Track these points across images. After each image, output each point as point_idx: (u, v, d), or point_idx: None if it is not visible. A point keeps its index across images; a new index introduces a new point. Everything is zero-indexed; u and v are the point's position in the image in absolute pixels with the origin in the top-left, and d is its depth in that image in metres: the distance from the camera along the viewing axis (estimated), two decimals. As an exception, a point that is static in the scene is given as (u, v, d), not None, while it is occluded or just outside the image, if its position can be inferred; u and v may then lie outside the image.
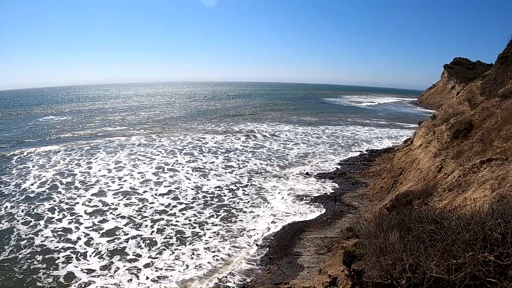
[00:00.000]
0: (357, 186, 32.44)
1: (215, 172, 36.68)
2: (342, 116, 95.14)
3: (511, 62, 30.05)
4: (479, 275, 5.30)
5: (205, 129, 66.41)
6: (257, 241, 22.26)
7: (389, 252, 7.28)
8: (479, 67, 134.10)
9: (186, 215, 26.18)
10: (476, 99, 30.94)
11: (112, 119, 79.39)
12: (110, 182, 32.90)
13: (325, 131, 67.52)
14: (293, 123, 77.11)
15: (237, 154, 45.71)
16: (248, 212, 26.77)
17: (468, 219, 6.75)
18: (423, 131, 33.65)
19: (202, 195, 30.02)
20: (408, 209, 11.44)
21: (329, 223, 24.53)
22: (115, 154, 43.86)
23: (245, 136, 58.93)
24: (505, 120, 20.49)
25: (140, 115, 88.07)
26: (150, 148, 47.93)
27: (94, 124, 72.18)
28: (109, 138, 55.59)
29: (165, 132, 62.02)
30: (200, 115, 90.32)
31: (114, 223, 24.62)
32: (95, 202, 28.11)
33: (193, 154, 44.85)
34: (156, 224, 24.58)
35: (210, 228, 24.08)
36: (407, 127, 75.90)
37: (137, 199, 28.90)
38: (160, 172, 36.34)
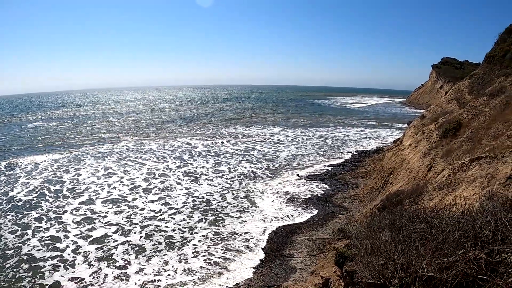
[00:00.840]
0: (347, 187, 32.52)
1: (206, 177, 36.48)
2: (331, 118, 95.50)
3: (498, 61, 30.30)
4: (471, 273, 5.30)
5: (195, 133, 66.23)
6: (249, 244, 22.19)
7: (380, 252, 7.27)
8: (466, 66, 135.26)
9: (176, 219, 26.01)
10: (464, 98, 31.15)
11: (101, 125, 78.76)
12: (100, 189, 32.47)
13: (315, 132, 67.75)
14: (283, 125, 77.22)
15: (227, 157, 45.58)
16: (237, 217, 26.59)
17: (459, 218, 6.75)
18: (412, 131, 33.83)
19: (194, 201, 29.69)
20: (398, 208, 11.47)
21: (321, 224, 24.55)
22: (104, 160, 43.49)
23: (235, 139, 58.91)
24: (493, 118, 20.63)
25: (129, 120, 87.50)
26: (139, 153, 47.60)
27: (82, 130, 71.55)
28: (98, 143, 55.20)
29: (154, 136, 61.68)
30: (189, 119, 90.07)
31: (103, 230, 24.30)
32: (84, 210, 27.73)
33: (183, 158, 44.64)
34: (145, 230, 24.37)
35: (198, 232, 23.97)
36: (396, 127, 76.36)
37: (127, 206, 28.53)
38: (151, 178, 35.97)
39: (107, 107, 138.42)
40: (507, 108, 20.22)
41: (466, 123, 23.62)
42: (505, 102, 21.09)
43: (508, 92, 22.26)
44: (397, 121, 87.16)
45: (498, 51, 31.69)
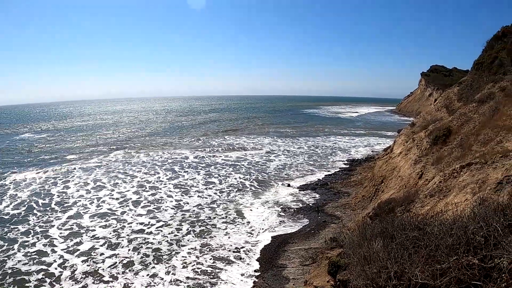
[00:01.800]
0: (339, 196, 32.51)
1: (197, 189, 36.15)
2: (321, 127, 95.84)
3: (487, 68, 30.62)
4: (464, 279, 5.30)
5: (185, 144, 66.01)
6: (241, 255, 22.07)
7: (373, 261, 7.26)
8: (455, 73, 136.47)
9: (164, 232, 25.72)
10: (454, 105, 31.38)
11: (90, 137, 78.10)
12: (88, 203, 31.96)
13: (305, 142, 67.81)
14: (273, 135, 77.26)
15: (218, 168, 45.34)
16: (227, 229, 26.31)
17: (451, 224, 6.76)
18: (402, 138, 33.98)
19: (183, 214, 29.24)
20: (390, 216, 11.47)
21: (313, 234, 24.48)
22: (93, 173, 42.99)
23: (225, 150, 58.80)
24: (483, 124, 20.77)
25: (118, 132, 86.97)
26: (129, 165, 47.13)
27: (72, 142, 70.90)
28: (87, 156, 54.64)
29: (145, 148, 61.22)
30: (179, 130, 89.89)
31: (90, 244, 23.87)
32: (71, 224, 27.19)
33: (174, 170, 44.34)
34: (132, 243, 24.04)
35: (186, 244, 23.67)
36: (387, 135, 76.73)
37: (115, 220, 28.09)
38: (141, 190, 35.56)
39: (97, 119, 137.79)
40: (496, 114, 20.37)
41: (456, 130, 23.77)
42: (494, 108, 21.26)
43: (497, 98, 22.45)
44: (387, 130, 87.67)
45: (486, 58, 32.05)
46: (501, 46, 30.26)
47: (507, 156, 14.19)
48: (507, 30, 31.61)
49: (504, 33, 31.89)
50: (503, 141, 17.17)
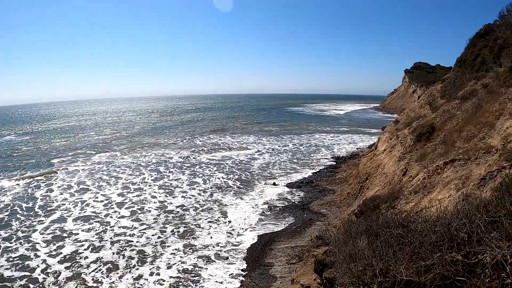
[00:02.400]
0: (324, 194, 32.60)
1: (181, 189, 35.94)
2: (306, 125, 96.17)
3: (469, 65, 30.91)
4: (448, 275, 5.34)
5: (170, 144, 65.62)
6: (227, 255, 22.03)
7: (359, 259, 7.29)
8: (438, 70, 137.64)
9: (147, 234, 25.46)
10: (437, 102, 31.64)
11: (75, 138, 76.99)
12: (72, 206, 31.41)
13: (289, 140, 68.10)
14: (258, 134, 77.33)
15: (202, 167, 45.19)
16: (212, 229, 26.23)
17: (434, 221, 6.81)
18: (386, 136, 34.17)
19: (166, 215, 29.05)
20: (375, 214, 11.53)
21: (299, 232, 24.54)
22: (77, 175, 42.44)
23: (210, 149, 58.67)
24: (466, 121, 20.98)
25: (103, 133, 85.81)
26: (114, 167, 46.58)
27: (55, 144, 69.82)
28: (72, 158, 53.88)
29: (130, 149, 60.54)
30: (164, 130, 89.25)
31: (73, 247, 23.50)
32: (54, 229, 26.65)
33: (159, 170, 44.07)
34: (116, 245, 23.77)
35: (170, 245, 23.57)
36: (371, 132, 77.18)
37: (99, 223, 27.70)
38: (126, 192, 35.18)
39: (81, 120, 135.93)
40: (479, 111, 20.58)
41: (439, 126, 23.97)
42: (476, 105, 21.48)
43: (480, 95, 22.67)
44: (371, 127, 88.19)
45: (469, 55, 32.34)
46: (483, 43, 30.54)
47: (490, 152, 14.34)
48: (489, 28, 31.93)
49: (487, 31, 32.20)
50: (485, 137, 17.36)
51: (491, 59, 26.17)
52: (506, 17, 28.32)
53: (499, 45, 25.27)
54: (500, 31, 26.88)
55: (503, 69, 22.52)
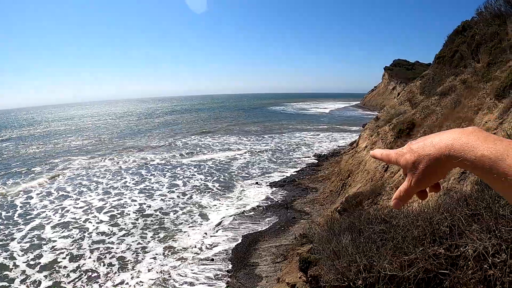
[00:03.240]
0: (307, 192, 32.67)
1: (161, 192, 35.40)
2: (287, 124, 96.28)
3: (448, 61, 31.31)
4: (432, 268, 5.42)
5: (151, 146, 64.62)
6: (210, 256, 21.98)
7: (343, 255, 7.35)
8: (417, 67, 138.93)
9: (127, 240, 24.82)
10: (417, 98, 31.97)
11: (54, 144, 75.00)
12: (52, 214, 30.50)
13: (271, 139, 67.98)
14: (239, 134, 77.03)
15: (183, 169, 44.70)
16: (191, 231, 25.90)
17: (416, 216, 6.90)
18: (367, 133, 34.43)
19: (145, 219, 28.43)
20: (358, 211, 11.64)
21: (283, 231, 24.57)
22: (56, 181, 41.55)
23: (191, 151, 58.26)
24: (445, 116, 21.26)
25: (83, 137, 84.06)
26: (94, 171, 45.75)
27: (35, 149, 68.20)
28: (51, 163, 52.67)
29: (111, 153, 59.33)
30: (144, 132, 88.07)
31: (52, 256, 22.71)
32: (32, 237, 25.83)
33: (141, 173, 43.43)
34: (95, 253, 23.09)
35: (151, 250, 23.11)
36: (352, 130, 77.34)
37: (78, 229, 26.90)
38: (106, 197, 34.37)
39: (61, 124, 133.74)
40: (458, 106, 20.86)
41: (419, 122, 24.25)
42: (455, 100, 21.75)
43: (458, 90, 22.97)
44: (352, 124, 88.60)
45: (447, 52, 32.78)
46: (461, 40, 30.94)
47: (469, 146, 14.49)
48: (467, 24, 32.38)
49: (464, 27, 32.64)
50: (464, 132, 17.57)
51: (469, 55, 26.52)
52: (483, 14, 28.72)
53: (476, 41, 25.62)
54: (477, 28, 27.27)
55: (480, 65, 22.84)
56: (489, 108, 17.38)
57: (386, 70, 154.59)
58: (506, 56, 19.57)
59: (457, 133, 1.23)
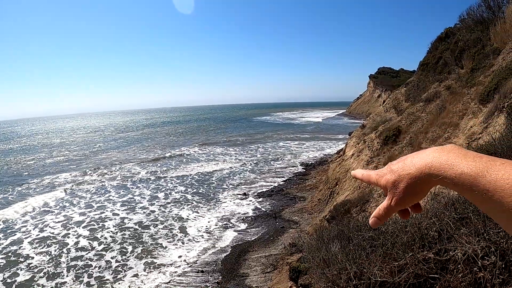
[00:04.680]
0: (295, 201, 32.67)
1: (142, 205, 34.71)
2: (272, 134, 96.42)
3: (432, 68, 31.67)
4: (422, 273, 5.42)
5: (136, 159, 63.92)
6: (198, 268, 21.82)
7: (332, 263, 7.34)
8: (402, 74, 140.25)
9: (106, 256, 23.97)
10: (402, 105, 32.24)
11: (34, 158, 73.77)
12: (32, 228, 29.66)
13: (257, 149, 68.02)
14: (224, 145, 76.97)
15: (167, 181, 44.31)
16: (178, 243, 25.64)
17: (404, 222, 6.91)
18: (354, 141, 34.58)
19: (124, 233, 27.73)
20: (346, 218, 11.66)
21: (272, 240, 24.51)
22: (40, 197, 40.56)
23: (177, 162, 57.91)
24: (431, 122, 21.41)
25: (69, 151, 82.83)
26: (78, 185, 45.29)
27: (13, 164, 67.00)
28: (33, 179, 51.63)
29: (95, 166, 58.57)
30: (129, 145, 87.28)
31: (28, 274, 21.73)
32: (8, 252, 24.98)
33: (125, 186, 42.97)
34: (73, 271, 22.09)
35: (132, 267, 22.39)
36: (338, 138, 77.67)
37: (58, 245, 25.98)
38: (87, 211, 33.57)
39: (46, 138, 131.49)
40: (442, 111, 21.01)
41: (405, 129, 24.39)
42: (440, 106, 21.92)
43: (443, 96, 23.16)
44: (339, 133, 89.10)
45: (431, 59, 33.17)
46: (445, 46, 31.32)
47: (455, 151, 14.60)
48: (450, 31, 32.78)
49: (448, 34, 33.05)
50: (451, 137, 17.73)
51: (452, 61, 26.82)
52: (466, 21, 29.10)
53: (460, 48, 25.93)
54: (460, 34, 27.60)
55: (464, 70, 23.08)
56: (474, 113, 17.53)
57: (371, 78, 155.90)
58: (489, 61, 19.79)
59: (436, 152, 1.26)
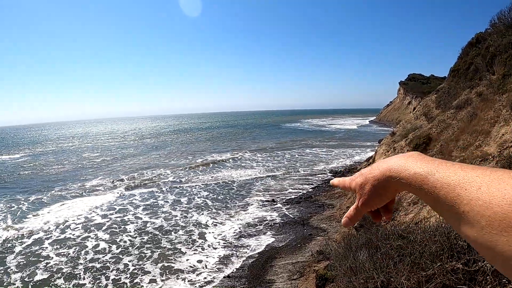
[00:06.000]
0: (324, 208, 32.46)
1: (164, 210, 34.84)
2: (302, 140, 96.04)
3: (463, 74, 31.18)
4: (450, 284, 5.34)
5: (168, 164, 64.79)
6: (223, 273, 21.87)
7: (360, 272, 7.29)
8: (433, 81, 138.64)
9: (124, 260, 24.08)
10: (432, 112, 31.82)
11: (70, 161, 75.17)
12: (54, 228, 30.47)
13: (286, 156, 67.79)
14: (253, 150, 77.24)
15: (194, 187, 44.36)
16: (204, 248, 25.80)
17: (433, 231, 6.82)
18: (383, 148, 34.24)
19: (143, 237, 27.85)
20: (375, 227, 11.54)
21: (299, 247, 24.41)
22: (65, 198, 41.78)
23: (204, 167, 58.53)
24: (462, 130, 21.08)
25: (97, 154, 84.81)
26: (110, 189, 45.88)
27: (45, 168, 67.88)
28: (62, 181, 53.01)
29: (125, 171, 59.81)
30: (160, 149, 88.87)
31: (46, 274, 22.11)
32: (30, 252, 25.64)
33: (152, 191, 43.43)
34: (90, 272, 22.28)
35: (150, 271, 22.99)
36: (367, 145, 76.99)
37: (78, 246, 26.41)
38: (109, 214, 34.12)
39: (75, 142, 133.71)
40: (474, 119, 20.69)
41: (436, 136, 24.08)
42: (471, 113, 21.58)
43: (474, 103, 22.81)
44: (368, 140, 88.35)
45: (462, 65, 32.66)
46: (475, 52, 30.81)
47: (487, 159, 14.37)
48: (481, 36, 32.26)
49: (478, 39, 32.52)
50: (482, 145, 17.44)
51: (484, 67, 26.37)
52: (497, 25, 28.61)
53: (491, 53, 25.49)
54: (491, 39, 27.14)
55: (496, 77, 22.68)
56: (506, 120, 17.22)
57: (401, 85, 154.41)
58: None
59: (399, 157, 1.38)
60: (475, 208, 1.08)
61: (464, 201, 1.12)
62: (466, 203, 1.11)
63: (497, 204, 1.03)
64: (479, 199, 1.09)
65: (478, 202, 1.09)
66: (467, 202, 1.11)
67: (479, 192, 1.10)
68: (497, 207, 1.03)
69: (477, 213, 1.07)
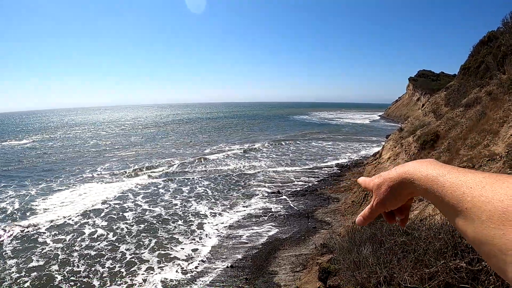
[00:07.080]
0: (329, 202, 32.46)
1: (164, 198, 35.13)
2: (310, 133, 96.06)
3: (473, 72, 31.00)
4: (452, 282, 5.36)
5: (176, 153, 65.02)
6: (227, 264, 21.96)
7: (363, 266, 7.32)
8: (442, 78, 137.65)
9: (121, 248, 24.47)
10: (441, 110, 31.70)
11: (78, 148, 76.27)
12: (52, 210, 31.13)
13: (292, 148, 67.97)
14: (261, 141, 77.05)
15: (201, 174, 45.07)
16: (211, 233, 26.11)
17: (438, 228, 6.83)
18: (391, 144, 34.18)
19: (142, 225, 27.98)
20: (379, 222, 11.55)
21: (303, 240, 24.45)
22: (71, 187, 41.88)
23: (213, 156, 58.75)
24: (470, 128, 20.99)
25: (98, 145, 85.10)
26: (115, 177, 46.34)
27: (52, 155, 69.10)
28: (69, 169, 53.48)
29: (134, 157, 60.17)
30: (170, 138, 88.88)
31: (42, 260, 22.17)
32: (26, 236, 25.92)
33: (155, 179, 43.67)
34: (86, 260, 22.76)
35: (148, 259, 23.24)
36: (374, 140, 76.78)
37: (75, 233, 26.52)
38: (109, 200, 34.53)
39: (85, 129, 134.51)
40: (483, 118, 20.60)
41: (444, 134, 24.00)
42: (480, 112, 21.49)
43: (484, 102, 22.70)
44: (375, 135, 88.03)
45: (473, 63, 32.46)
46: (487, 50, 30.59)
47: (494, 159, 14.34)
48: (493, 34, 32.00)
49: (490, 38, 32.27)
50: (490, 144, 17.37)
51: (494, 66, 26.19)
52: (509, 24, 28.37)
53: (502, 52, 25.31)
54: (503, 38, 26.92)
55: (506, 76, 22.54)
56: (515, 121, 17.15)
57: (410, 81, 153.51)
58: (534, 68, 19.32)
59: (416, 162, 1.45)
60: (477, 204, 1.14)
61: (468, 198, 1.18)
62: (470, 200, 1.17)
63: (498, 199, 1.09)
64: (482, 195, 1.14)
65: (480, 198, 1.15)
66: (470, 199, 1.17)
67: (483, 190, 1.15)
68: (498, 202, 1.09)
69: (479, 208, 1.13)
